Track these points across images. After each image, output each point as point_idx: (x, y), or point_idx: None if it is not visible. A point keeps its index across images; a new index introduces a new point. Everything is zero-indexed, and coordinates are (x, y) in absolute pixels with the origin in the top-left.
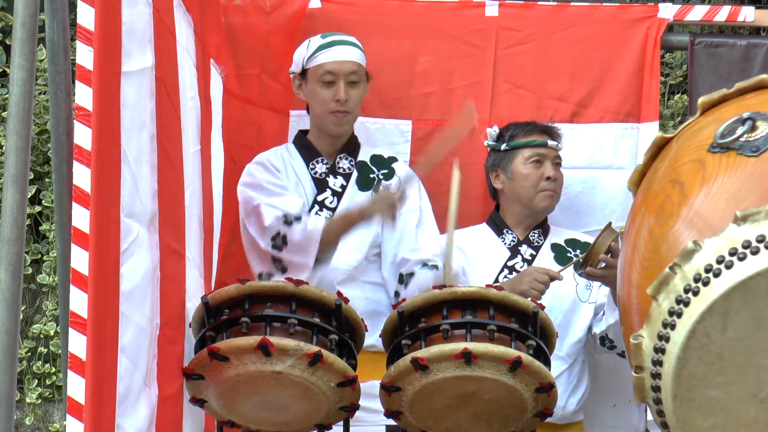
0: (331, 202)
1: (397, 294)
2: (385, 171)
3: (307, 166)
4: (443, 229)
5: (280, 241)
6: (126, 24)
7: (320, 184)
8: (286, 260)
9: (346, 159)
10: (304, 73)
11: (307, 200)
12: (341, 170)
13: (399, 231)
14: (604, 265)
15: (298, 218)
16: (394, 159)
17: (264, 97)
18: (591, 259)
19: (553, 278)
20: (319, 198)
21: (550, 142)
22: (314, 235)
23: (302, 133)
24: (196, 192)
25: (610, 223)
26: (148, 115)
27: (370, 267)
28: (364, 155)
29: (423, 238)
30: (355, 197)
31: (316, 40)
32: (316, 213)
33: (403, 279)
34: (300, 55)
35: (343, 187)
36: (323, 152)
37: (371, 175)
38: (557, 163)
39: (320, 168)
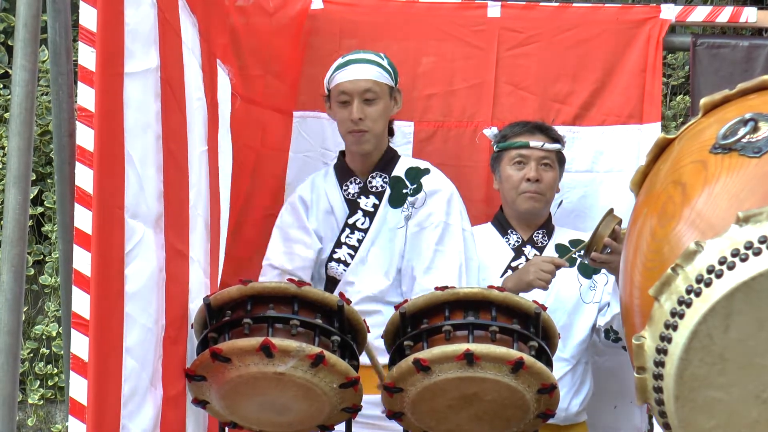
0: (362, 224)
1: None
2: (414, 186)
3: (341, 188)
4: None
5: None
6: (129, 25)
7: (352, 206)
8: None
9: (380, 176)
10: (329, 94)
11: (339, 224)
12: (373, 189)
13: (419, 247)
14: (609, 250)
15: None
16: (426, 171)
17: (268, 98)
18: (595, 245)
19: (558, 266)
20: (350, 221)
21: (533, 143)
22: None
23: (342, 154)
24: (202, 192)
25: (612, 210)
26: (153, 116)
27: (394, 287)
28: (400, 169)
29: (440, 259)
30: (387, 216)
31: (338, 61)
32: (347, 236)
33: None
34: (326, 77)
35: (376, 207)
36: (357, 171)
37: (404, 191)
38: (545, 163)
39: (353, 189)
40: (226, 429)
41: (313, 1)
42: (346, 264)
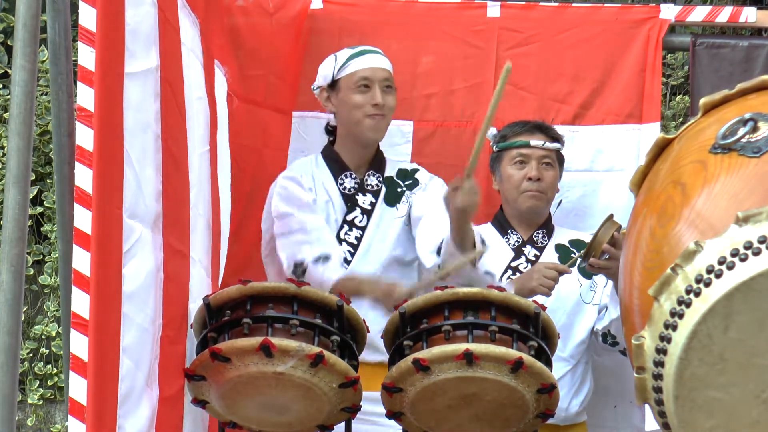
0: (360, 221)
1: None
2: (409, 182)
3: (336, 181)
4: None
5: (299, 272)
6: (130, 25)
7: (350, 202)
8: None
9: (374, 175)
10: (334, 84)
11: (337, 219)
12: (369, 187)
13: (434, 218)
14: (607, 256)
15: (327, 258)
16: (416, 170)
17: (269, 98)
18: (594, 251)
19: (561, 272)
20: (349, 217)
21: (534, 142)
22: (326, 284)
23: (330, 144)
24: (203, 192)
25: (612, 215)
26: (152, 116)
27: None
28: (390, 170)
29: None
30: (384, 214)
31: (345, 52)
32: (346, 233)
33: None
34: (328, 68)
35: (372, 205)
36: (351, 165)
37: (398, 190)
38: (546, 162)
39: (349, 183)
40: (226, 429)
41: (313, 1)
42: (348, 262)
